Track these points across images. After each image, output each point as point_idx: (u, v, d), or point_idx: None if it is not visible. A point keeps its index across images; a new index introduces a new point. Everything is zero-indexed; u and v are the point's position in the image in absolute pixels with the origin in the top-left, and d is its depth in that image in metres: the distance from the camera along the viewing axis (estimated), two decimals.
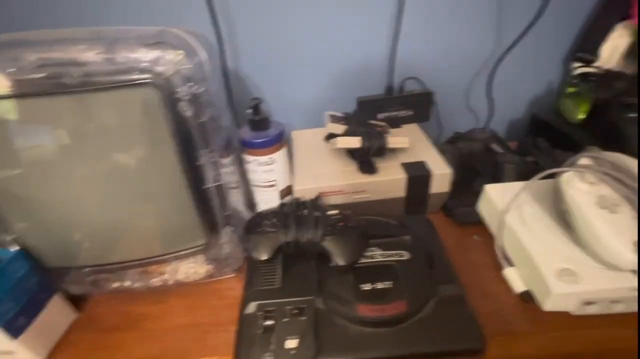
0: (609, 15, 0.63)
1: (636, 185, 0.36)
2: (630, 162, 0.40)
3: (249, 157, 0.46)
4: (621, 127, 0.50)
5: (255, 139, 0.45)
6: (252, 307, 0.38)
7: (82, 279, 0.43)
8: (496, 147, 0.59)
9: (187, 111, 0.33)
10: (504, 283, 0.43)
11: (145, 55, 0.31)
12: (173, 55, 0.32)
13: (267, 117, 0.45)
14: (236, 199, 0.46)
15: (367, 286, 0.38)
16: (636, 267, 0.35)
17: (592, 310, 0.38)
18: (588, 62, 0.65)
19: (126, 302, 0.44)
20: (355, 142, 0.51)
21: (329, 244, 0.40)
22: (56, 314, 0.41)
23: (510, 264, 0.43)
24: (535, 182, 0.44)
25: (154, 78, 0.31)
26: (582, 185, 0.37)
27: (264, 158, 0.46)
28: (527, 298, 0.40)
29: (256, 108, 0.45)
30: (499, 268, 0.44)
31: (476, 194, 0.51)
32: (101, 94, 0.32)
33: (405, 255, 0.41)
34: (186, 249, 0.41)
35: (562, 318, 0.38)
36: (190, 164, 0.36)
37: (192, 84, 0.33)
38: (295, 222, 0.41)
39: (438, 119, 0.69)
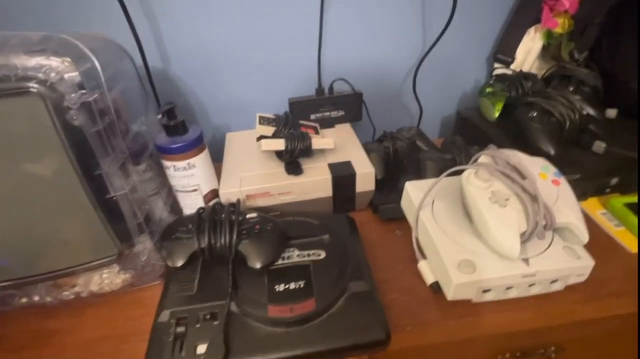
0: (523, 19, 0.67)
1: (523, 181, 0.39)
2: (524, 158, 0.44)
3: (167, 163, 0.46)
4: (525, 125, 0.53)
5: (171, 145, 0.44)
6: (165, 315, 0.38)
7: None
8: (421, 145, 0.61)
9: (77, 120, 0.32)
10: (419, 275, 0.45)
11: (27, 62, 0.30)
12: (58, 62, 0.30)
13: (181, 122, 0.45)
14: (157, 206, 0.46)
15: (280, 287, 0.39)
16: (521, 256, 0.38)
17: (489, 297, 0.41)
18: (507, 64, 0.70)
19: (38, 318, 0.43)
20: (278, 144, 0.51)
21: (244, 248, 0.40)
22: None
23: (424, 257, 0.45)
24: (448, 178, 0.46)
25: (38, 86, 0.30)
26: (477, 181, 0.40)
27: (181, 163, 0.45)
28: (436, 288, 0.42)
29: (170, 113, 0.44)
30: (415, 262, 0.46)
31: (401, 190, 0.53)
32: None
33: (322, 254, 0.43)
34: (97, 260, 0.40)
35: (465, 305, 0.41)
36: (88, 174, 0.35)
37: (83, 91, 0.32)
38: (211, 227, 0.41)
39: (370, 118, 0.71)
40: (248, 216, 0.43)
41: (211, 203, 0.47)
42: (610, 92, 0.60)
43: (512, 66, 0.68)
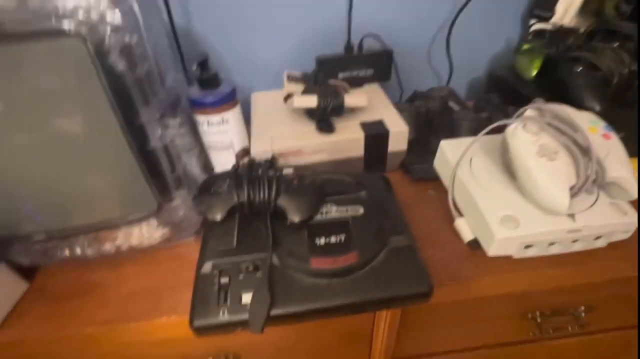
0: None
1: (574, 133, 0.37)
2: (571, 112, 0.42)
3: (200, 118, 0.45)
4: (568, 81, 0.51)
5: (205, 98, 0.43)
6: (207, 267, 0.38)
7: (29, 248, 0.41)
8: (453, 105, 0.59)
9: (119, 64, 0.31)
10: (455, 233, 0.45)
11: (66, 2, 0.29)
12: (98, 1, 0.29)
13: (215, 74, 0.43)
14: (191, 163, 0.45)
15: (321, 241, 0.39)
16: (566, 211, 0.37)
17: (531, 253, 0.40)
18: (544, 19, 0.66)
19: (79, 270, 0.43)
20: (311, 101, 0.50)
21: (283, 202, 0.40)
22: (3, 286, 0.39)
23: (461, 215, 0.45)
24: (485, 136, 0.45)
25: (77, 25, 0.29)
26: (524, 135, 0.39)
27: (215, 118, 0.44)
28: (474, 245, 0.42)
29: (203, 65, 0.42)
30: (451, 220, 0.46)
31: (433, 151, 0.52)
32: (16, 46, 0.29)
33: (360, 210, 0.42)
34: (136, 213, 0.40)
35: (505, 261, 0.41)
36: (130, 123, 0.34)
37: (122, 32, 0.30)
38: (249, 182, 0.40)
39: (399, 78, 0.68)
40: (285, 171, 0.43)
41: (245, 160, 0.46)
42: None
43: (552, 21, 0.65)
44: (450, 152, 0.48)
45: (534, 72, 0.59)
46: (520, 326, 0.51)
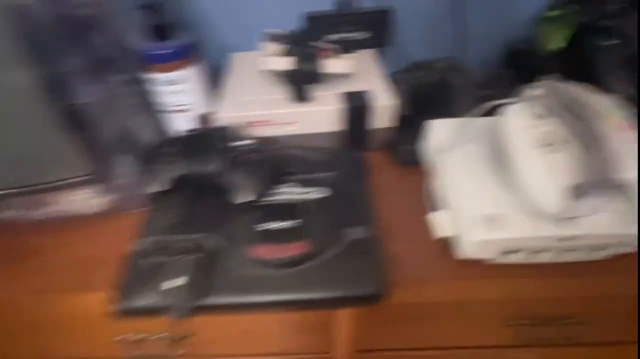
0: None
1: (584, 122, 0.30)
2: (589, 95, 0.34)
3: (152, 75, 0.39)
4: (595, 57, 0.42)
5: (155, 51, 0.37)
6: (142, 243, 0.34)
7: None
8: (456, 79, 0.51)
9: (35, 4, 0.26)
10: (430, 227, 0.39)
11: None
12: None
13: (169, 23, 0.37)
14: (139, 126, 0.41)
15: (271, 225, 0.34)
16: (562, 214, 0.31)
17: (515, 258, 0.34)
18: None
19: (23, 235, 0.41)
20: (285, 63, 0.43)
21: (232, 179, 0.35)
22: None
23: (441, 207, 0.39)
24: (484, 120, 0.38)
25: None
26: (521, 119, 0.32)
27: (169, 75, 0.39)
28: (452, 244, 0.37)
29: (155, 9, 0.36)
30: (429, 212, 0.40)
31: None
32: None
33: (322, 194, 0.37)
34: (71, 178, 0.36)
35: (483, 265, 0.35)
36: (48, 75, 0.29)
37: None
38: (198, 152, 0.36)
39: (400, 46, 0.60)
40: (240, 143, 0.38)
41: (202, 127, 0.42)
42: None
43: None
44: (438, 133, 0.42)
45: (562, 44, 0.50)
46: (498, 332, 0.46)
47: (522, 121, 0.32)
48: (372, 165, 0.44)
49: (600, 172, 0.30)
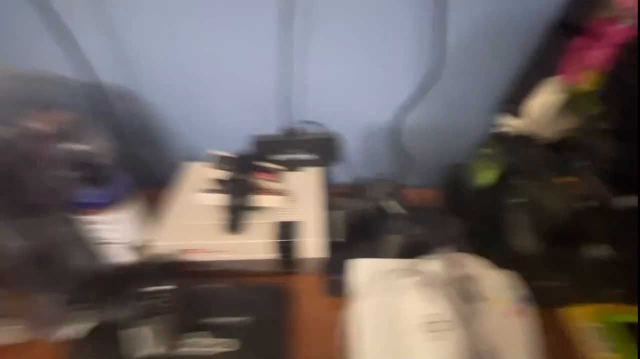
0: (540, 68, 0.56)
1: (469, 305, 0.32)
2: (485, 274, 0.36)
3: (86, 217, 0.42)
4: (505, 210, 0.45)
5: (88, 199, 0.40)
6: None
7: None
8: (394, 208, 0.54)
9: None
10: None
11: None
12: None
13: (103, 173, 0.40)
14: (74, 259, 0.43)
15: None
16: None
17: None
18: (514, 116, 0.59)
19: None
20: (218, 199, 0.46)
21: (138, 330, 0.36)
22: None
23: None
24: (410, 261, 0.40)
25: None
26: (414, 297, 0.33)
27: (102, 218, 0.42)
28: None
29: (87, 165, 0.40)
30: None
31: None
32: None
33: (234, 345, 0.38)
34: None
35: None
36: None
37: None
38: (114, 296, 0.37)
39: (347, 163, 0.64)
40: (158, 288, 0.39)
41: (135, 259, 0.44)
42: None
43: (521, 124, 0.58)
44: (359, 274, 0.43)
45: (488, 182, 0.53)
46: None
47: (413, 304, 0.33)
48: (302, 291, 0.45)
49: None
